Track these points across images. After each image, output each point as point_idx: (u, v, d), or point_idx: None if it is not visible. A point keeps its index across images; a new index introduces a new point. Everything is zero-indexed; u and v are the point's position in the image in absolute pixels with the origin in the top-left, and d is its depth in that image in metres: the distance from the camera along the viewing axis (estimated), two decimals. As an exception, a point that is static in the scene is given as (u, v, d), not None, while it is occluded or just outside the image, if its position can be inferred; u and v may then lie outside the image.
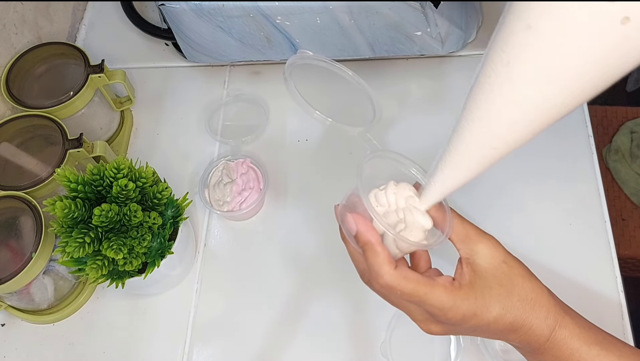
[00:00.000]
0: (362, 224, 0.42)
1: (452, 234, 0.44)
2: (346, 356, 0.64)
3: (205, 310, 0.68)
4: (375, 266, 0.41)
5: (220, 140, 0.78)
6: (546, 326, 0.42)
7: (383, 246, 0.42)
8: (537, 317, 0.41)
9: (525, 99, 0.33)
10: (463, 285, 0.41)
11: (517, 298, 0.41)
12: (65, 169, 0.56)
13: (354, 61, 0.80)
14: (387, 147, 0.75)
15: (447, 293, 0.40)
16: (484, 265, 0.42)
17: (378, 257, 0.41)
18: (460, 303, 0.40)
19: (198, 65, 0.84)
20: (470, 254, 0.43)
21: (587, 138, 0.72)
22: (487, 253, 0.42)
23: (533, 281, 0.43)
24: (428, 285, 0.41)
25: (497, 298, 0.41)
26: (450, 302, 0.40)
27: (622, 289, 0.63)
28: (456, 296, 0.40)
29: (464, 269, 0.42)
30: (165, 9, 0.70)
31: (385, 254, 0.41)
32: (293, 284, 0.68)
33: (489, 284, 0.41)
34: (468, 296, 0.41)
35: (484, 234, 0.44)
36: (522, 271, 0.43)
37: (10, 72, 0.71)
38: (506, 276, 0.42)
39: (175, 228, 0.63)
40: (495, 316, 0.41)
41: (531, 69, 0.32)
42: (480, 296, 0.41)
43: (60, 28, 0.86)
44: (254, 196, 0.69)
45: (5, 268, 0.58)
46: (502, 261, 0.42)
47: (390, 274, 0.41)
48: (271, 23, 0.69)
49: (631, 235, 1.07)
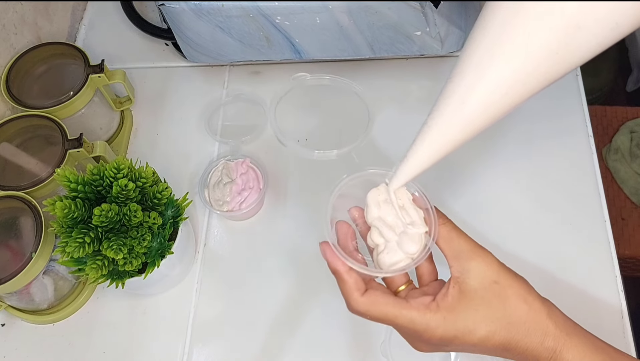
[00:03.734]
0: (329, 255, 0.43)
1: (445, 250, 0.43)
2: (346, 356, 0.64)
3: (205, 310, 0.68)
4: (345, 293, 0.43)
5: (220, 140, 0.78)
6: (544, 349, 0.40)
7: (351, 273, 0.42)
8: (532, 341, 0.40)
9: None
10: (441, 308, 0.41)
11: (507, 321, 0.40)
12: (65, 169, 0.56)
13: (354, 60, 0.80)
14: (387, 147, 0.75)
15: (420, 316, 0.40)
16: (474, 285, 0.41)
17: (345, 285, 0.42)
18: (434, 325, 0.40)
19: (198, 65, 0.84)
20: (461, 273, 0.42)
21: (587, 138, 0.72)
22: (479, 272, 0.41)
23: (530, 302, 0.41)
24: (397, 308, 0.41)
25: (483, 320, 0.40)
26: (424, 325, 0.40)
27: (622, 289, 0.63)
28: (430, 319, 0.40)
29: (450, 290, 0.41)
30: (165, 9, 0.70)
31: (352, 281, 0.42)
32: (293, 284, 0.68)
33: (475, 305, 0.40)
34: (445, 319, 0.40)
35: (478, 250, 0.43)
36: (518, 291, 0.41)
37: (10, 72, 0.71)
38: (497, 297, 0.41)
39: (175, 228, 0.63)
40: (481, 338, 0.40)
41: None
42: (462, 319, 0.40)
43: (60, 28, 0.86)
44: (254, 196, 0.69)
45: (5, 268, 0.58)
46: (494, 281, 0.41)
47: (357, 302, 0.42)
48: (271, 23, 0.69)
49: (631, 235, 1.07)
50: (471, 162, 0.73)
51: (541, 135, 0.73)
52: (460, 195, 0.71)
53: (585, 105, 0.75)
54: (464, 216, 0.69)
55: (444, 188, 0.71)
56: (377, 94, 0.79)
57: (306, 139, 0.77)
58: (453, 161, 0.73)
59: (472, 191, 0.71)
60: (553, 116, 0.74)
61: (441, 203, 0.69)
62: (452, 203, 0.70)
